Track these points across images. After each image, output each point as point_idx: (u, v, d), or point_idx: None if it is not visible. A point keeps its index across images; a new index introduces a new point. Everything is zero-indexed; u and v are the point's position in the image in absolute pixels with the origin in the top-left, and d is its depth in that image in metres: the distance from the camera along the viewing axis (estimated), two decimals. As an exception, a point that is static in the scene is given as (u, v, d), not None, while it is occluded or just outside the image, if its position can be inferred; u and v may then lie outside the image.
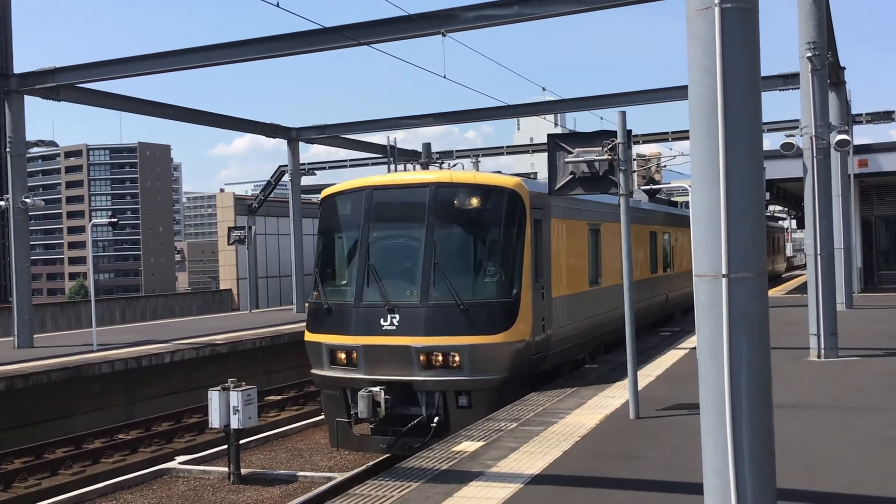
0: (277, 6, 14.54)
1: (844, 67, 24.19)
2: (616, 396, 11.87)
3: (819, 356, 14.49)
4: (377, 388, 11.84)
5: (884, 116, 31.80)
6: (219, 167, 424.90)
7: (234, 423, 11.93)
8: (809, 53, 14.34)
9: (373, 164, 39.49)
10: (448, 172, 13.64)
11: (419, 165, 14.73)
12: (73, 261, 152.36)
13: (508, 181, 13.04)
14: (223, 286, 42.84)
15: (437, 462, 8.71)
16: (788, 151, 16.39)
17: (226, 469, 12.60)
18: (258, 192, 39.79)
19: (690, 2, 4.78)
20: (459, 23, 18.23)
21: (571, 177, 10.39)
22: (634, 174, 11.58)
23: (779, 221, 61.80)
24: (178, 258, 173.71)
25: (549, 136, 10.83)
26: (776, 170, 24.99)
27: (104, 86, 24.05)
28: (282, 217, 39.26)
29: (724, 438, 4.70)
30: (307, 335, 13.25)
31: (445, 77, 20.03)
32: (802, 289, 21.81)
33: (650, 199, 23.79)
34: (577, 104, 30.83)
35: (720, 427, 4.72)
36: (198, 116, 28.36)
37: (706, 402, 4.83)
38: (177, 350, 20.64)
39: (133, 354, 19.77)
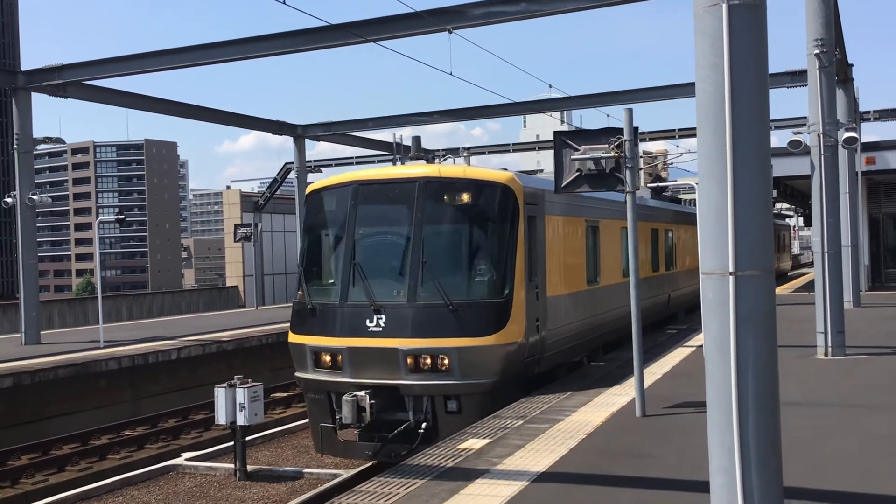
0: (284, 3, 14.43)
1: (852, 64, 24.08)
2: (622, 394, 11.85)
3: (826, 354, 14.46)
4: (362, 393, 11.34)
5: (891, 114, 31.75)
6: (225, 164, 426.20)
7: (241, 420, 11.94)
8: (817, 50, 14.28)
9: (378, 162, 39.50)
10: (437, 167, 12.99)
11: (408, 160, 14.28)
12: (80, 257, 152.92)
13: (500, 175, 12.50)
14: (230, 283, 43.02)
15: (443, 459, 8.70)
16: (796, 149, 16.34)
17: (232, 465, 12.62)
18: (264, 190, 39.87)
19: (698, -1, 4.76)
20: (467, 19, 18.19)
21: (578, 174, 10.35)
22: (641, 171, 11.51)
23: (785, 219, 61.63)
24: (185, 255, 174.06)
25: (556, 134, 10.79)
26: (784, 167, 24.90)
27: (111, 83, 24.18)
28: (288, 214, 39.41)
29: (731, 436, 4.68)
30: (291, 336, 12.70)
31: (452, 74, 19.90)
32: (809, 287, 21.76)
33: (652, 196, 23.27)
34: (584, 101, 30.70)
35: (727, 425, 4.71)
36: (204, 113, 28.40)
37: (713, 400, 4.81)
38: (183, 347, 20.68)
39: (140, 351, 19.82)
